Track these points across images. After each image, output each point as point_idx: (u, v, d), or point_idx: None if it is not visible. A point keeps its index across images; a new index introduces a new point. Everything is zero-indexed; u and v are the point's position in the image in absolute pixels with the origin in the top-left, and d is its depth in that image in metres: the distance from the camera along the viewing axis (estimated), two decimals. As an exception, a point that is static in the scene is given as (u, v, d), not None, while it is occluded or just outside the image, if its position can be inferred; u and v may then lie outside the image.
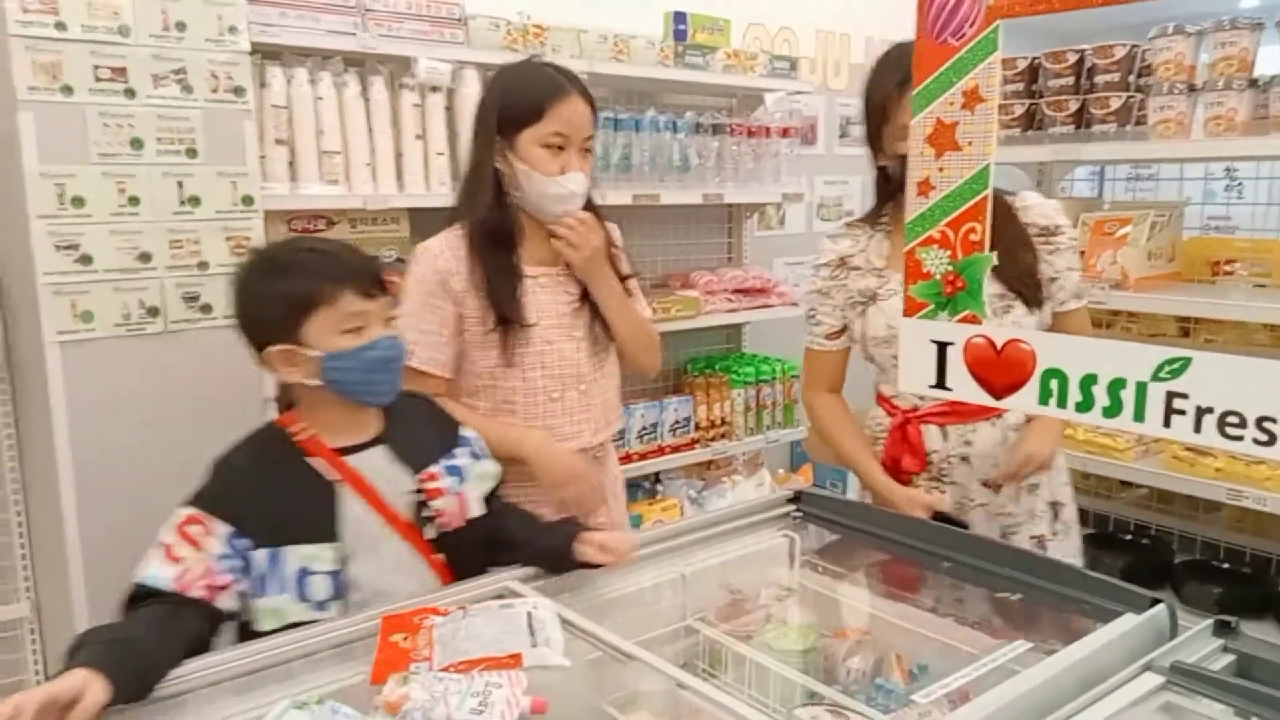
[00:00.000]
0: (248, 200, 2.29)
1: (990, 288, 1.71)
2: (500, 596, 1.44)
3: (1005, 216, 1.83)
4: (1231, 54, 2.37)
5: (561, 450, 1.87)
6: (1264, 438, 1.10)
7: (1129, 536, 2.95)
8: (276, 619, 1.41)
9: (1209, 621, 1.31)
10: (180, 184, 2.19)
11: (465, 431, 1.69)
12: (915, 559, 1.69)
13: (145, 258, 2.16)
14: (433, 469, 1.56)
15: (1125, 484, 2.96)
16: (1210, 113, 2.39)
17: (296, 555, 1.42)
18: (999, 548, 1.66)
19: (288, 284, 1.44)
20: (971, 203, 1.42)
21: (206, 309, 2.24)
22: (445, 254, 1.85)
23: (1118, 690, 1.17)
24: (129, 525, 2.16)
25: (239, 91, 2.26)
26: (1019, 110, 2.78)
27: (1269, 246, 2.65)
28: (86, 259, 2.08)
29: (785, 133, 3.54)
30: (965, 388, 1.39)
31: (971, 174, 1.41)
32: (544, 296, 1.89)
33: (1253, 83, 2.36)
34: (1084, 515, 3.10)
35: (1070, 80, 2.65)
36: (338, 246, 1.53)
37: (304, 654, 1.28)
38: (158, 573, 1.35)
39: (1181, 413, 1.16)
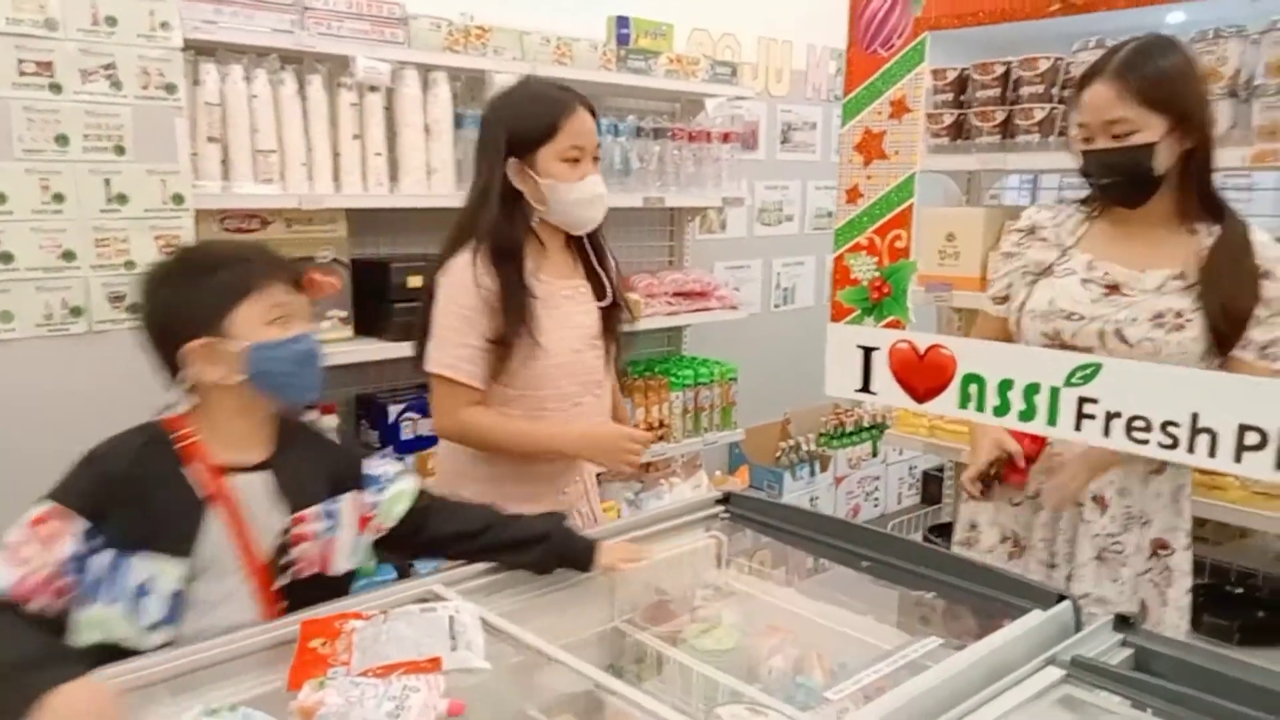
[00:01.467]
0: (178, 199, 2.26)
1: (1178, 301, 1.71)
2: (423, 600, 1.45)
3: (1239, 243, 1.74)
4: (1148, 70, 2.45)
5: (602, 429, 1.99)
6: (1168, 441, 1.16)
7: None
8: (101, 632, 1.31)
9: (1109, 617, 1.37)
10: (108, 181, 2.16)
11: (373, 470, 1.59)
12: (838, 559, 1.73)
13: (69, 256, 2.12)
14: (307, 511, 1.46)
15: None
16: (1128, 126, 2.47)
17: (143, 566, 1.33)
18: (917, 547, 1.70)
19: (215, 276, 1.39)
20: (898, 210, 1.48)
21: (134, 309, 2.20)
22: (479, 270, 1.86)
23: (1020, 684, 1.21)
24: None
25: (170, 88, 2.23)
26: (948, 120, 2.84)
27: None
28: (7, 257, 2.05)
29: (726, 138, 3.59)
30: (889, 392, 1.43)
31: (898, 182, 1.46)
32: (571, 309, 1.95)
33: (1168, 97, 2.44)
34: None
35: (997, 91, 2.72)
36: (253, 245, 1.55)
37: (220, 660, 1.28)
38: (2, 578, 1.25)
39: (1091, 417, 1.22)
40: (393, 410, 2.84)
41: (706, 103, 3.55)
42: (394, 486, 1.60)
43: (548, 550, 1.58)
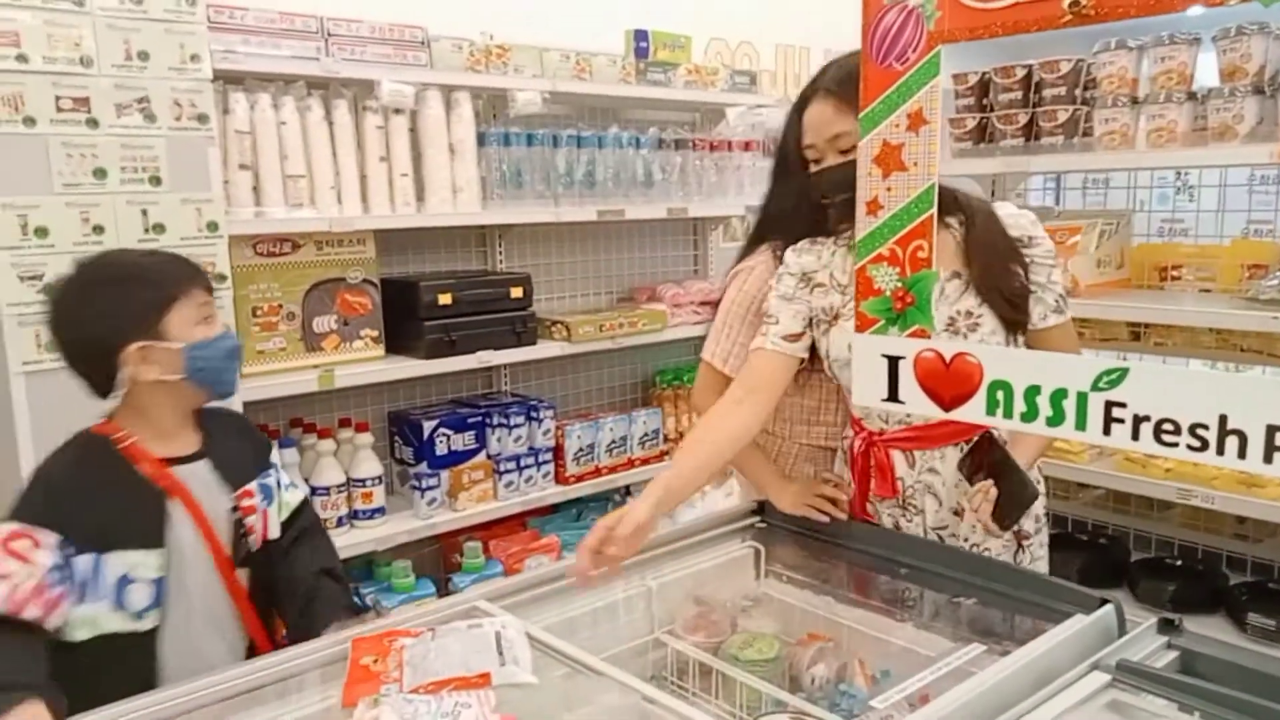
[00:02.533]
0: (213, 226, 2.30)
1: (963, 303, 1.71)
2: (469, 615, 1.47)
3: (986, 227, 1.74)
4: (1171, 68, 2.45)
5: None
6: (1196, 443, 1.15)
7: (1085, 537, 3.02)
8: (91, 629, 1.43)
9: (1154, 620, 1.36)
10: (145, 212, 2.20)
11: (274, 458, 1.76)
12: (876, 566, 1.73)
13: (110, 286, 2.16)
14: (249, 486, 1.62)
15: (1082, 485, 3.04)
16: (1152, 124, 2.47)
17: (120, 562, 1.45)
18: (956, 553, 1.71)
19: (142, 284, 1.50)
20: (918, 221, 1.47)
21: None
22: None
23: (1066, 690, 1.22)
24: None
25: (202, 119, 2.28)
26: (971, 124, 2.85)
27: (1214, 252, 2.74)
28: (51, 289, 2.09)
29: (747, 146, 3.60)
30: (916, 400, 1.44)
31: (918, 193, 1.46)
32: None
33: (1191, 95, 2.44)
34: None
35: (1019, 94, 2.73)
36: (167, 253, 1.62)
37: (272, 680, 1.30)
38: None
39: (1120, 421, 1.21)
40: (427, 426, 2.87)
41: (727, 112, 3.57)
42: (284, 493, 1.74)
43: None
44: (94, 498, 1.46)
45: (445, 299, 2.81)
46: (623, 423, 3.26)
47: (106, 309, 1.49)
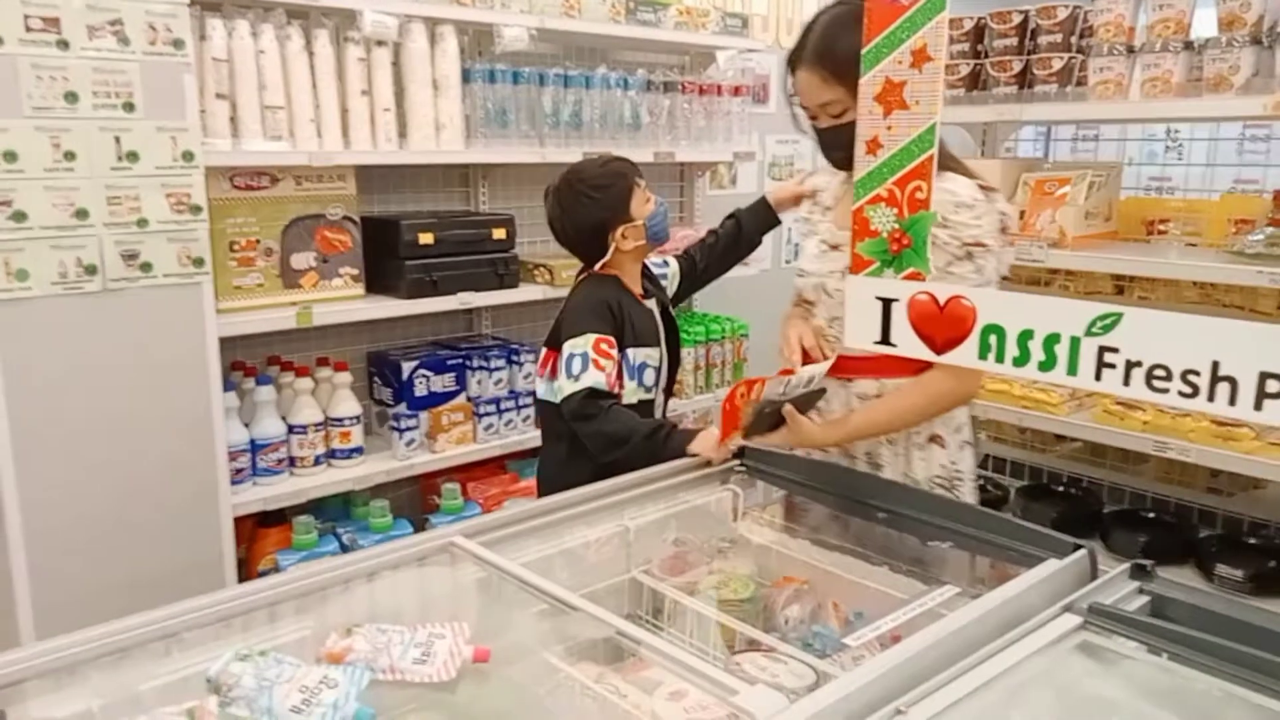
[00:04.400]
0: (188, 156, 2.25)
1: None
2: (445, 551, 1.46)
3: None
4: (1169, 16, 2.41)
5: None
6: (1188, 390, 1.15)
7: (1062, 488, 3.05)
8: (630, 397, 2.08)
9: (1126, 565, 1.37)
10: (118, 139, 2.14)
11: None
12: (854, 511, 1.74)
13: (82, 214, 2.11)
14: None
15: (1060, 438, 3.06)
16: (1147, 74, 2.44)
17: (640, 355, 2.10)
18: (932, 499, 1.71)
19: (616, 185, 2.08)
20: (918, 161, 1.45)
21: (146, 267, 2.21)
22: None
23: (1038, 631, 1.22)
24: (68, 481, 2.16)
25: (178, 44, 2.21)
26: (964, 70, 2.81)
27: (1200, 207, 2.72)
28: (20, 215, 2.04)
29: (737, 91, 3.55)
30: (908, 343, 1.42)
31: (919, 132, 1.44)
32: None
33: (1188, 45, 2.41)
34: (1019, 468, 3.22)
35: (1014, 41, 2.69)
36: (614, 158, 2.18)
37: (253, 607, 1.29)
38: (597, 378, 1.96)
39: (1112, 366, 1.21)
40: (406, 367, 2.84)
41: (717, 55, 3.51)
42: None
43: None
44: (624, 314, 2.07)
45: (427, 238, 2.77)
46: (605, 368, 3.24)
47: (598, 206, 2.06)
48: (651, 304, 2.20)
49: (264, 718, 1.02)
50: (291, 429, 2.62)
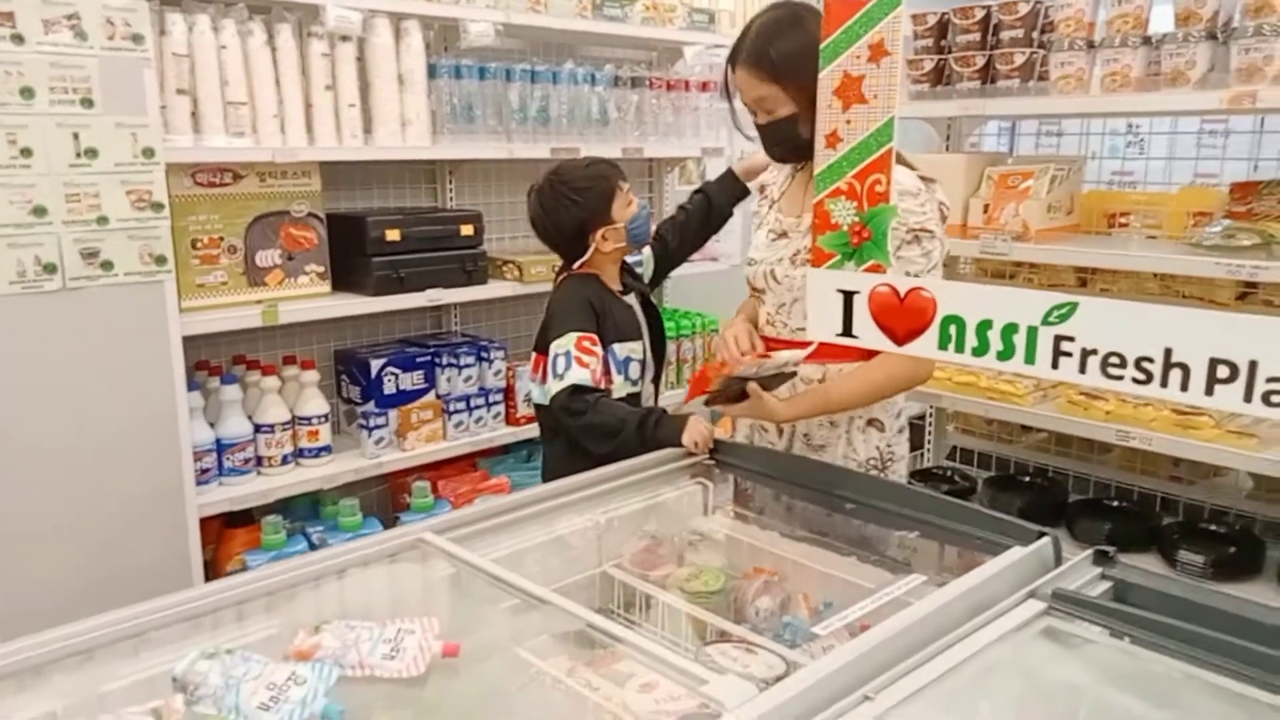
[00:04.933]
0: (149, 152, 2.22)
1: (808, 240, 1.75)
2: (415, 548, 1.46)
3: None
4: (1128, 11, 2.45)
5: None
6: (1141, 376, 1.17)
7: (1028, 479, 3.10)
8: (617, 391, 2.13)
9: (1089, 552, 1.40)
10: (76, 135, 2.11)
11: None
12: (823, 503, 1.75)
13: (40, 212, 2.08)
14: None
15: (1025, 429, 3.10)
16: (1106, 69, 2.47)
17: (624, 350, 2.14)
18: (899, 489, 1.73)
19: (596, 186, 2.11)
20: (877, 155, 1.46)
21: (107, 265, 2.17)
22: None
23: (1003, 616, 1.24)
24: (30, 482, 2.13)
25: (137, 39, 2.18)
26: (929, 66, 2.83)
27: (1161, 200, 2.77)
28: (-24, 213, 2.00)
29: (704, 87, 3.55)
30: (869, 334, 1.44)
31: (877, 126, 1.45)
32: None
33: (1146, 40, 2.45)
34: (986, 459, 3.26)
35: (977, 36, 2.72)
36: (598, 159, 2.22)
37: (217, 608, 1.28)
38: (581, 375, 2.01)
39: (1068, 355, 1.23)
40: (375, 364, 2.82)
41: (685, 50, 3.51)
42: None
43: None
44: (606, 310, 2.12)
45: (393, 235, 2.75)
46: (575, 364, 3.24)
47: (579, 208, 2.11)
48: (631, 299, 2.24)
49: (231, 715, 1.01)
50: (258, 428, 2.59)
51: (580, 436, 2.03)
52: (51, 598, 2.14)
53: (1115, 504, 2.89)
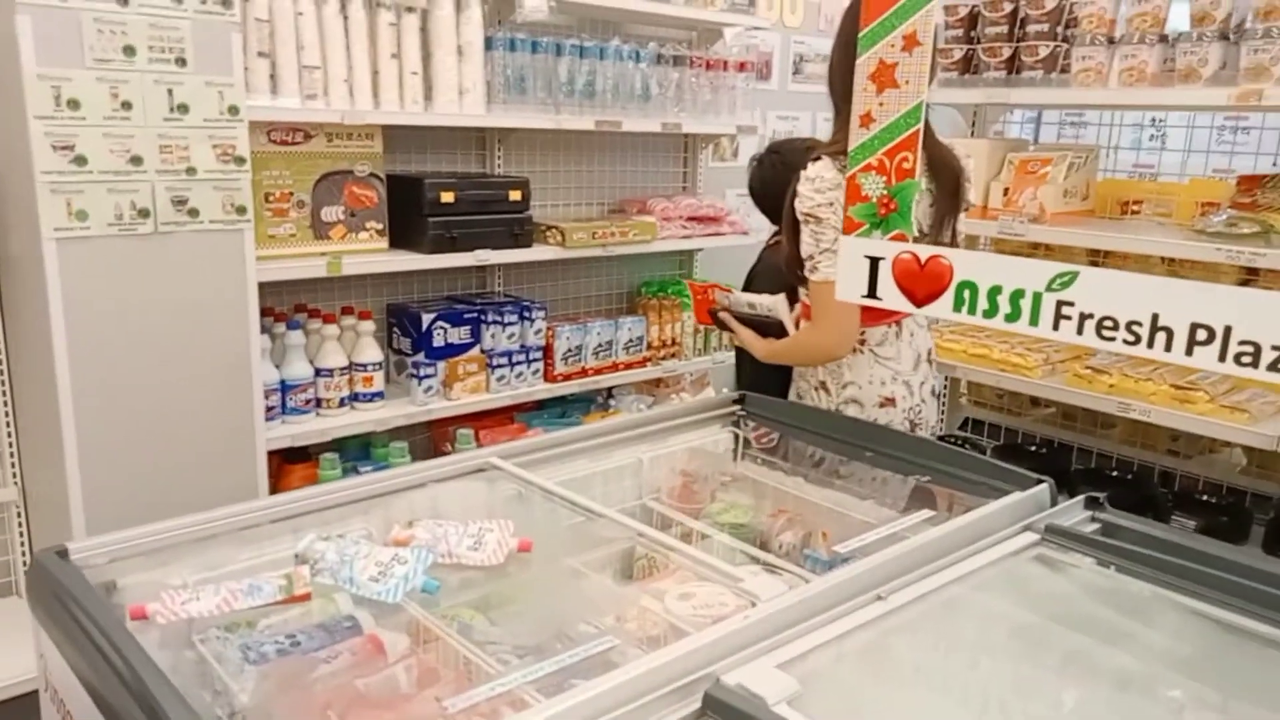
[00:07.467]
0: (234, 110, 2.40)
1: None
2: (483, 470, 1.65)
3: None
4: (1147, 10, 2.59)
5: None
6: (1131, 338, 1.34)
7: (1034, 449, 3.27)
8: None
9: (1082, 497, 1.58)
10: (170, 91, 2.29)
11: None
12: (842, 451, 1.93)
13: (137, 161, 2.27)
14: None
15: (1035, 402, 3.27)
16: (1124, 64, 2.62)
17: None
18: (914, 440, 1.91)
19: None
20: (906, 134, 1.63)
21: (194, 213, 2.37)
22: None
23: (999, 544, 1.43)
24: (121, 411, 2.33)
25: (226, 4, 2.36)
26: (958, 55, 2.98)
27: (1171, 189, 2.92)
28: (81, 160, 2.19)
29: (742, 67, 3.70)
30: (892, 297, 1.61)
31: (907, 109, 1.62)
32: None
33: (1163, 38, 2.59)
34: (996, 430, 3.43)
35: (1005, 28, 2.86)
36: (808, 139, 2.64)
37: (320, 508, 1.48)
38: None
39: (1068, 318, 1.40)
40: (426, 318, 3.01)
41: (724, 31, 3.66)
42: None
43: None
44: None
45: (448, 197, 2.93)
46: (609, 328, 3.42)
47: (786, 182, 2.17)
48: None
49: (347, 585, 1.21)
50: (318, 372, 2.79)
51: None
52: (134, 509, 2.34)
53: (1115, 474, 3.05)
